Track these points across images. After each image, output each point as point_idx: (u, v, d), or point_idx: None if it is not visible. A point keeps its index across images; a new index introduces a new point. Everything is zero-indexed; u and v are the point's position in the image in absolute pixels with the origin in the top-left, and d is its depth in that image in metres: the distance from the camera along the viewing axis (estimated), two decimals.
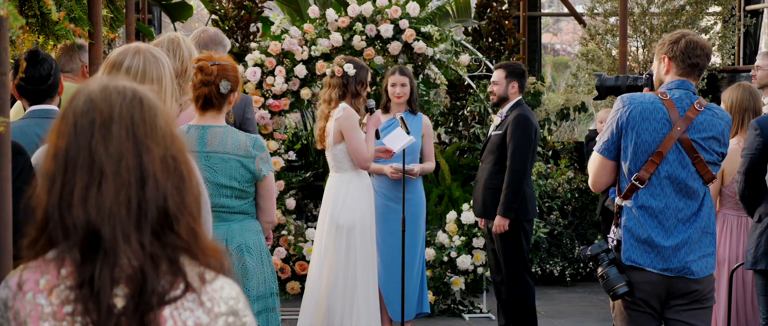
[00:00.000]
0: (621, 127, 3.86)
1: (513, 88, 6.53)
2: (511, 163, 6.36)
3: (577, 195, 9.15)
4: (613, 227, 3.95)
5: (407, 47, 7.73)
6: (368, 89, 6.16)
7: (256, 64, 7.66)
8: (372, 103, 6.14)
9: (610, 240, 3.95)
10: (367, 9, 7.63)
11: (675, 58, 3.92)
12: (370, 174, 6.63)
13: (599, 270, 3.89)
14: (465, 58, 8.00)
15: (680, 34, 3.97)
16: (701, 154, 3.83)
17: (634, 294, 3.87)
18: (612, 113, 3.91)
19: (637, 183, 3.83)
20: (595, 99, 4.87)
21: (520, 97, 6.59)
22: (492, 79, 6.65)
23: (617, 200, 3.92)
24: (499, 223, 6.38)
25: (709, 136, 3.85)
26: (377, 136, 6.11)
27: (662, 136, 3.81)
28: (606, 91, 4.28)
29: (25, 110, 3.91)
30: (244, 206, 4.14)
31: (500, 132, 6.48)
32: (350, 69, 6.03)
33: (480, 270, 7.78)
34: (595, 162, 3.97)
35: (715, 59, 10.47)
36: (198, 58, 3.99)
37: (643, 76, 4.20)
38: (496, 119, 6.61)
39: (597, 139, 4.02)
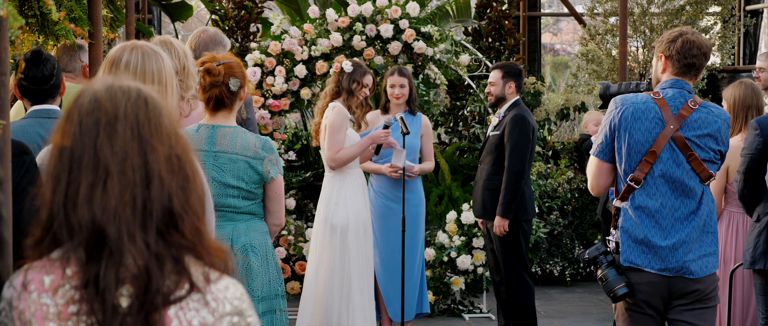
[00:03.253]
0: (613, 129, 3.85)
1: (510, 88, 6.53)
2: (509, 164, 6.36)
3: (577, 195, 9.14)
4: (611, 229, 3.94)
5: (407, 47, 7.72)
6: (367, 92, 6.15)
7: (256, 64, 7.66)
8: (391, 119, 6.22)
9: (608, 242, 3.93)
10: (367, 9, 7.63)
11: (671, 57, 3.89)
12: (368, 174, 6.64)
13: (598, 272, 3.88)
14: (465, 58, 8.00)
15: (678, 32, 3.94)
16: (696, 151, 3.81)
17: (635, 296, 3.85)
18: (606, 115, 3.91)
19: (632, 183, 3.81)
20: (599, 107, 4.88)
21: (518, 97, 6.58)
22: (489, 80, 6.65)
23: (615, 202, 3.90)
24: (499, 224, 6.38)
25: (705, 134, 3.83)
26: (377, 152, 6.17)
27: (655, 136, 3.79)
28: (610, 99, 4.28)
29: (26, 110, 3.90)
30: (251, 207, 4.13)
31: (498, 132, 6.48)
32: (347, 66, 6.07)
33: (480, 270, 7.78)
34: (592, 165, 3.97)
35: (715, 59, 10.48)
36: (202, 60, 3.99)
37: (644, 82, 4.21)
38: (494, 120, 6.61)
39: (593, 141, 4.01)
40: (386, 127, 6.14)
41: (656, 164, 3.80)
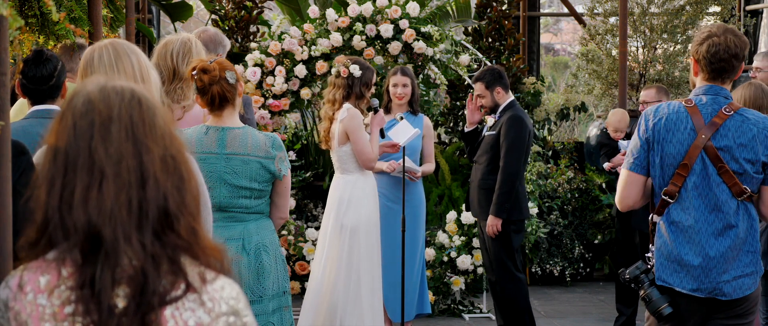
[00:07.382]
0: (646, 141, 3.70)
1: (498, 93, 6.54)
2: (504, 164, 6.37)
3: (577, 195, 9.14)
4: (650, 246, 3.78)
5: (407, 47, 7.73)
6: (372, 90, 6.15)
7: (256, 64, 7.66)
8: (376, 101, 6.14)
9: (648, 259, 3.77)
10: (367, 9, 7.63)
11: (699, 61, 3.71)
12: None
13: (641, 292, 3.72)
14: (465, 58, 8.00)
15: (707, 33, 3.71)
16: (728, 163, 3.61)
17: (681, 316, 3.70)
18: (637, 126, 3.77)
19: (666, 197, 3.66)
20: None
21: (512, 98, 6.59)
22: (476, 93, 6.64)
23: (653, 216, 3.75)
24: (491, 223, 6.39)
25: (738, 144, 3.61)
26: (382, 135, 6.10)
27: (687, 147, 3.62)
28: None
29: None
30: (260, 206, 4.17)
31: (494, 132, 6.49)
32: (356, 70, 6.00)
33: (480, 270, 7.79)
34: (623, 178, 3.79)
35: None
36: (194, 66, 3.98)
37: None
38: (490, 120, 6.62)
39: (627, 153, 3.82)
40: (374, 109, 6.11)
41: (689, 177, 3.63)
